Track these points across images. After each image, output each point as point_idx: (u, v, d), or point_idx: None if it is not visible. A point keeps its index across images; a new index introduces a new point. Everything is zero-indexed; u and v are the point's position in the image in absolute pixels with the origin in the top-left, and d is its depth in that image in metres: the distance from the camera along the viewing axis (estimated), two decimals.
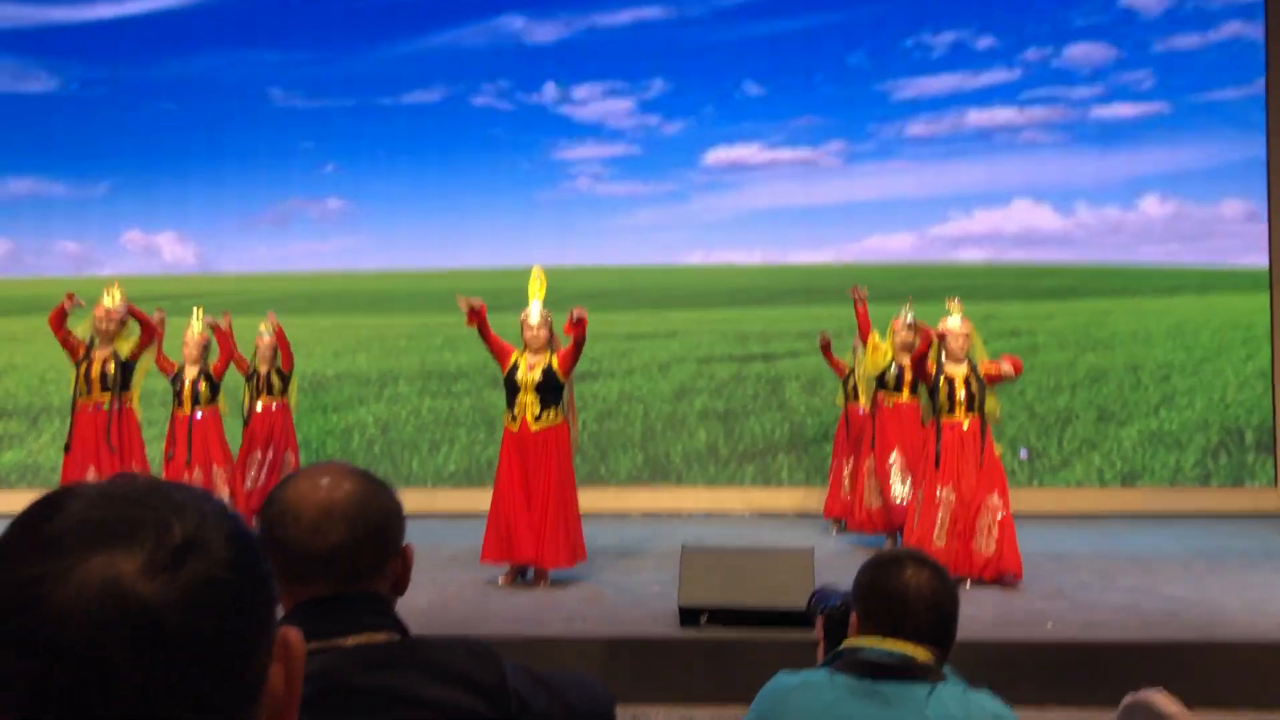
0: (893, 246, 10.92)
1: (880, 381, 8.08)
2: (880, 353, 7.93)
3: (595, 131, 11.14)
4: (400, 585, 1.51)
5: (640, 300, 11.43)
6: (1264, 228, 10.36)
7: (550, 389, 6.82)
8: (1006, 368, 6.81)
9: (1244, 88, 10.41)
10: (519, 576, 6.79)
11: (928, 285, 10.98)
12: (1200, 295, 10.79)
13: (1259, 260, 10.40)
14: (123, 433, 7.22)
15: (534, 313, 6.91)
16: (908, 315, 8.07)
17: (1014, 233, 10.84)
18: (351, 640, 1.41)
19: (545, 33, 11.17)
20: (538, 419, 6.79)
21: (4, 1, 11.45)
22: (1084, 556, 7.58)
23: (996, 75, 10.74)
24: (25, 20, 11.51)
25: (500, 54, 11.19)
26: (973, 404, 6.78)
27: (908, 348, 7.87)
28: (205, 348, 8.45)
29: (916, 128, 10.83)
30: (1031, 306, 10.94)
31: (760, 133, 11.01)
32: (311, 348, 11.35)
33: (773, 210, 11.04)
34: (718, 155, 11.07)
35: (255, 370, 9.48)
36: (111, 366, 7.12)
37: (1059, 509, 9.98)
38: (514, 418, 6.82)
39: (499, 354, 6.95)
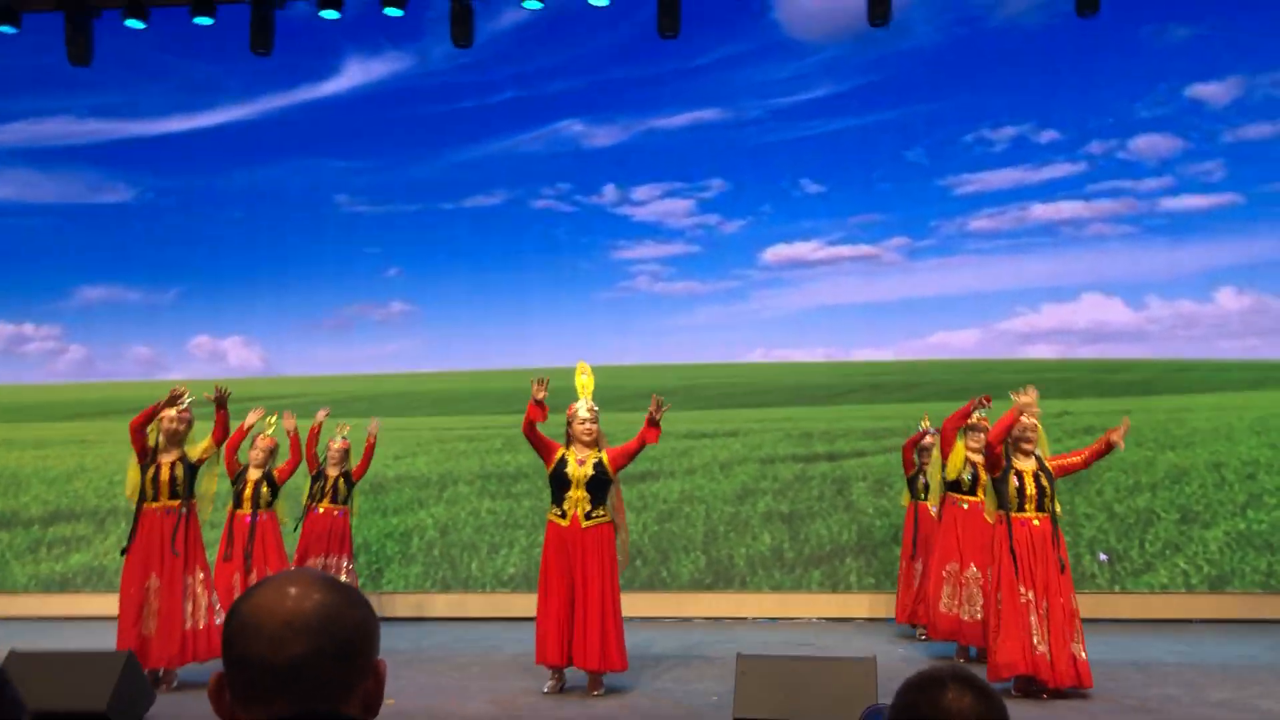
0: (958, 343, 10.70)
1: (954, 485, 7.77)
2: (959, 454, 7.65)
3: (654, 231, 11.17)
4: (372, 706, 1.35)
5: (701, 399, 11.30)
6: None
7: (601, 485, 6.70)
8: (1074, 459, 6.60)
9: None
10: (564, 683, 6.55)
11: (996, 380, 10.68)
12: None
13: None
14: (189, 538, 7.11)
15: (583, 406, 6.81)
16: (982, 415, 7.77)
17: (1084, 327, 10.56)
18: None
19: (604, 136, 11.31)
20: (589, 516, 6.66)
21: (85, 116, 11.91)
22: (1170, 666, 7.16)
23: (1060, 169, 10.59)
24: (104, 134, 11.95)
25: (559, 158, 11.34)
26: (1044, 501, 6.48)
27: (979, 449, 7.60)
28: (273, 452, 8.47)
29: (979, 222, 10.69)
30: (1106, 403, 10.59)
31: (819, 230, 10.95)
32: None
33: (834, 307, 10.93)
34: (777, 253, 11.02)
35: (323, 473, 9.46)
36: (180, 470, 7.06)
37: (1142, 615, 9.52)
38: (563, 514, 6.67)
39: (545, 450, 6.82)
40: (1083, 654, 6.27)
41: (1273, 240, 10.30)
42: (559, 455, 6.76)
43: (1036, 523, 6.45)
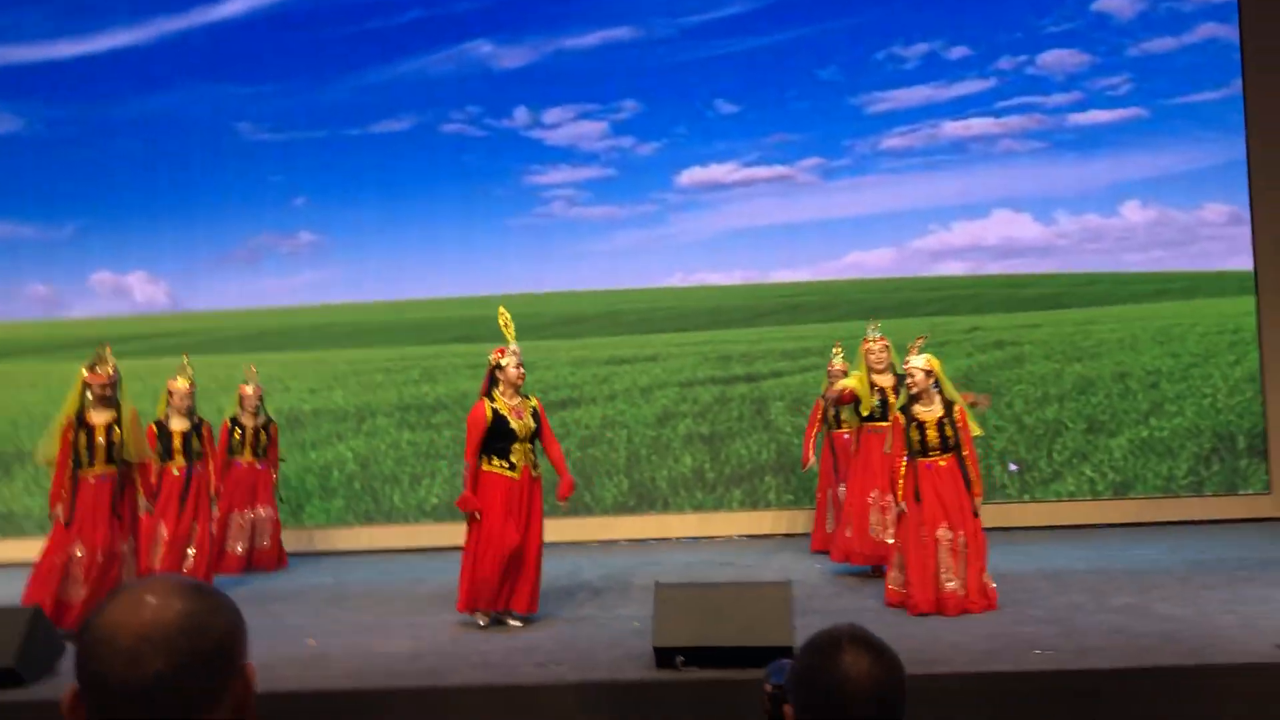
0: (872, 262, 10.79)
1: (868, 416, 7.78)
2: (864, 388, 7.66)
3: (568, 155, 11.00)
4: (245, 709, 1.28)
5: (620, 324, 11.27)
6: (1247, 230, 10.24)
7: (537, 435, 6.64)
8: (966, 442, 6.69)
9: (1221, 89, 10.31)
10: (494, 621, 6.58)
11: (909, 299, 10.86)
12: (1186, 300, 10.66)
13: (1244, 263, 10.27)
14: (126, 502, 6.86)
15: (512, 352, 6.63)
16: (874, 333, 7.79)
17: (995, 244, 10.71)
18: None
19: (514, 57, 11.05)
20: (536, 467, 6.63)
21: None
22: (1077, 574, 7.41)
23: (971, 85, 10.63)
24: None
25: (469, 80, 11.06)
26: (947, 446, 6.60)
27: (883, 368, 7.65)
28: (191, 397, 8.19)
29: (892, 141, 10.71)
30: (1016, 317, 10.80)
31: (735, 151, 10.88)
32: (287, 383, 11.18)
33: (750, 229, 10.91)
34: (693, 175, 10.94)
35: (239, 423, 9.24)
36: (117, 433, 6.76)
37: (1051, 522, 9.83)
38: (512, 466, 6.49)
39: (473, 426, 6.59)
40: (992, 583, 6.46)
41: (1177, 154, 10.49)
42: (488, 410, 6.51)
43: (943, 463, 6.55)
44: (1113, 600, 6.50)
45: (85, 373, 6.81)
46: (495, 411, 6.51)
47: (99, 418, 6.78)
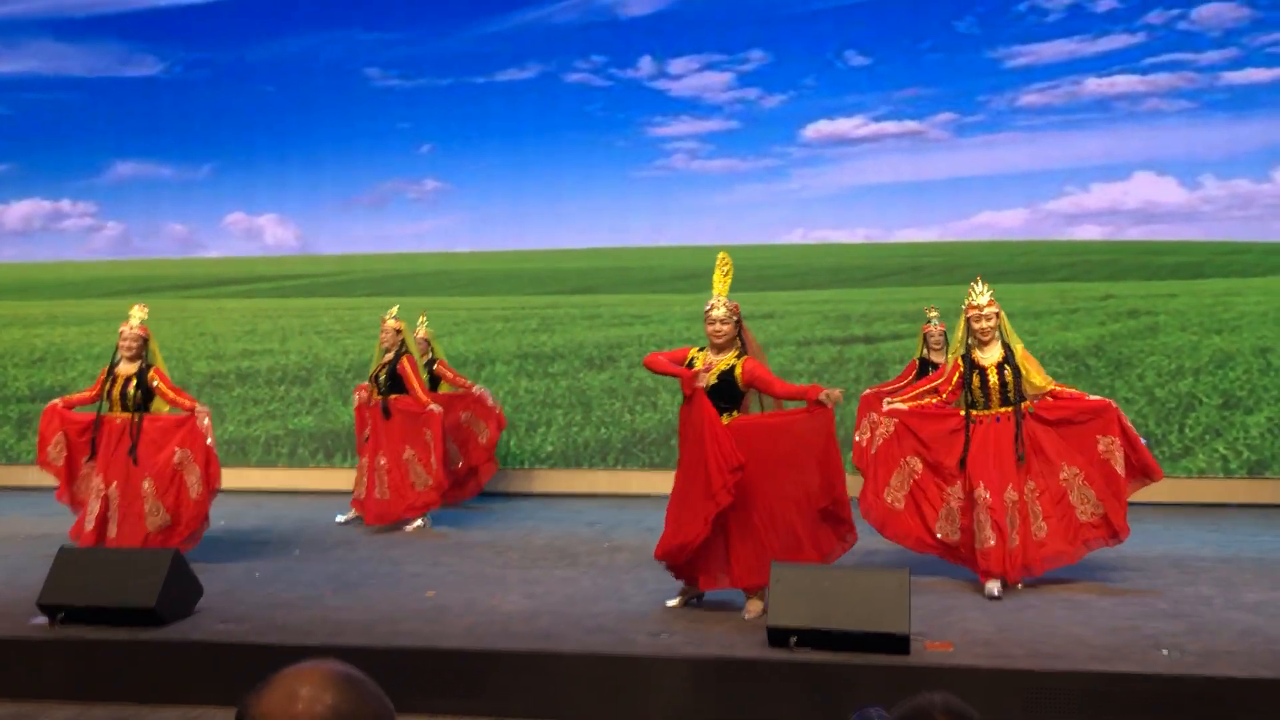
0: (1003, 223, 10.45)
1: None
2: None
3: (692, 107, 10.87)
4: None
5: (738, 281, 11.09)
6: None
7: (728, 396, 5.78)
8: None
9: None
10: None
11: (1039, 263, 10.52)
12: None
13: None
14: (138, 445, 7.17)
15: (717, 304, 5.90)
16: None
17: (1134, 208, 10.26)
18: None
19: (640, 5, 10.92)
20: None
21: None
22: (1205, 562, 7.14)
23: (1117, 40, 10.12)
24: (130, 3, 11.69)
25: (594, 29, 10.98)
26: (1007, 397, 6.28)
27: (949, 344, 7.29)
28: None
29: (1030, 97, 10.30)
30: (1152, 286, 10.37)
31: (864, 105, 10.60)
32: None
33: (876, 186, 10.66)
34: (819, 129, 10.71)
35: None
36: (133, 387, 7.18)
37: (1178, 499, 9.50)
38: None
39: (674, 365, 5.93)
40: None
41: None
42: (689, 356, 5.98)
43: (999, 418, 6.27)
44: (1245, 595, 6.25)
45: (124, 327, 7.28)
46: (692, 359, 5.99)
47: (125, 369, 7.25)
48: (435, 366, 9.56)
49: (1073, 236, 10.43)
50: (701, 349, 5.98)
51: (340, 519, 8.88)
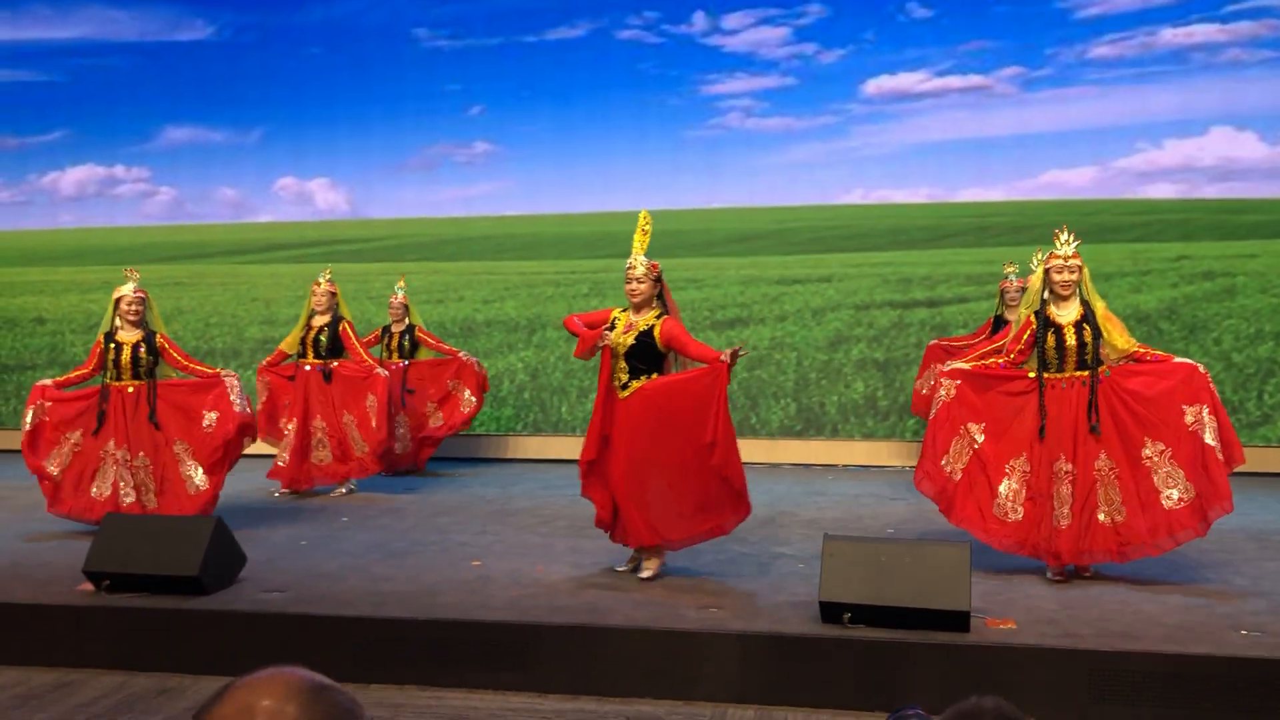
0: (1072, 181, 10.03)
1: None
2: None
3: (747, 63, 10.55)
4: None
5: (794, 242, 10.88)
6: None
7: (646, 357, 5.72)
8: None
9: None
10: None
11: (1110, 223, 10.11)
12: None
13: None
14: (157, 410, 7.05)
15: (637, 264, 5.80)
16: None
17: (1211, 165, 9.79)
18: None
19: None
20: (625, 388, 5.74)
21: None
22: None
23: None
24: None
25: None
26: (1084, 360, 5.79)
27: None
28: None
29: (1101, 49, 9.84)
30: (1230, 246, 9.91)
31: (926, 59, 10.22)
32: (461, 293, 11.29)
33: (939, 144, 10.29)
34: (880, 85, 10.34)
35: (387, 330, 9.52)
36: (143, 352, 7.01)
37: (1256, 469, 9.09)
38: (612, 378, 5.79)
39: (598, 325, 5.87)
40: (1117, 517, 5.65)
41: None
42: (611, 317, 5.90)
43: (1078, 381, 5.73)
44: None
45: (117, 292, 7.10)
46: (615, 319, 5.93)
47: (127, 336, 7.05)
48: (415, 332, 9.48)
49: (1145, 195, 9.99)
50: (625, 309, 5.92)
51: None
